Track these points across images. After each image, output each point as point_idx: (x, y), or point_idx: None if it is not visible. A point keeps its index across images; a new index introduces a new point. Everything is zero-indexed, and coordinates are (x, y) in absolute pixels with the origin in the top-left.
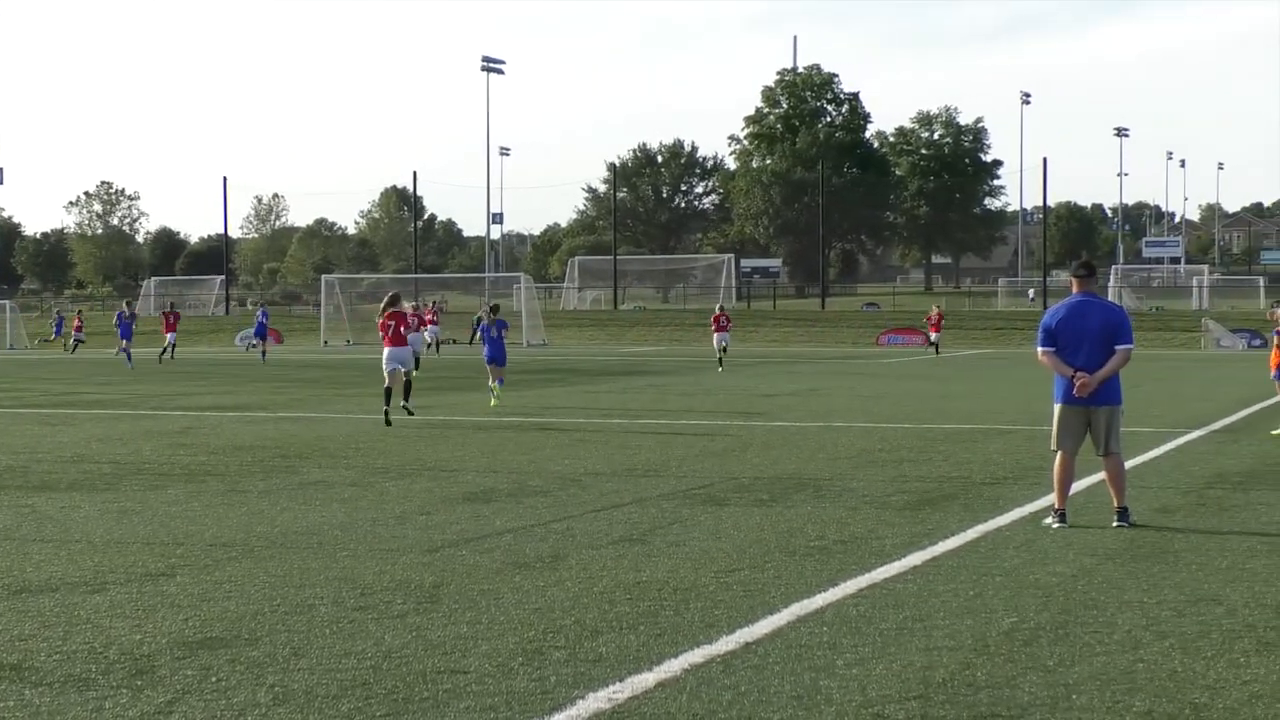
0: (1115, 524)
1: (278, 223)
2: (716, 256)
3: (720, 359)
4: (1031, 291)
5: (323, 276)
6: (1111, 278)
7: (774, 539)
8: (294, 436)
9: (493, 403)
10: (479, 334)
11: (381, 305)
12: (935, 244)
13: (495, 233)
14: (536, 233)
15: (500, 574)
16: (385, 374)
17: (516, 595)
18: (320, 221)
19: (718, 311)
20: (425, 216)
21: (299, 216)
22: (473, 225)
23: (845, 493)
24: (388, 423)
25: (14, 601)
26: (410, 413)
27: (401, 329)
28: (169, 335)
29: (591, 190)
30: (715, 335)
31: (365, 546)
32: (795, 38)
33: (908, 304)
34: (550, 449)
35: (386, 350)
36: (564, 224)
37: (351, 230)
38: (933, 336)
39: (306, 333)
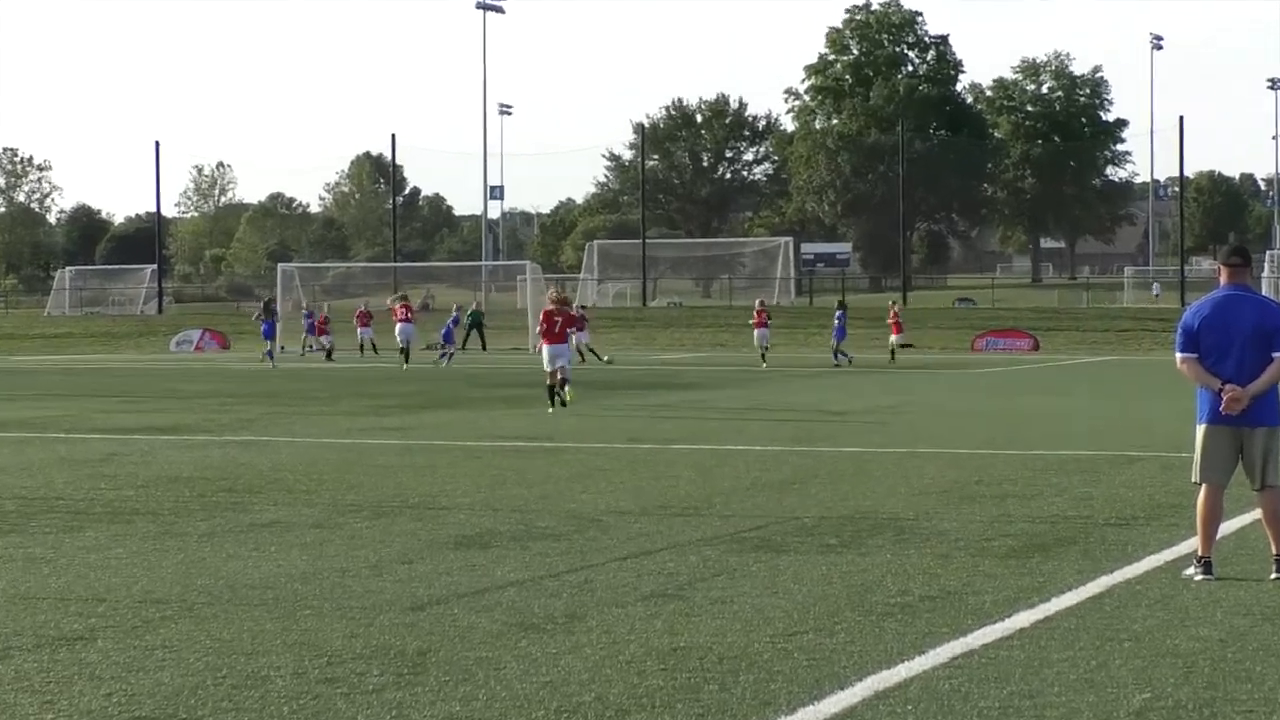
0: (1275, 575)
1: (223, 199)
2: (770, 240)
3: (763, 355)
4: (1156, 286)
5: (279, 265)
6: (1266, 266)
7: (844, 594)
8: (243, 465)
9: (568, 397)
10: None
11: (551, 295)
12: (1044, 224)
13: (494, 210)
14: (545, 211)
15: (502, 638)
16: (546, 371)
17: (522, 665)
18: (276, 197)
19: (759, 306)
20: (406, 190)
21: (249, 191)
22: (466, 202)
23: (934, 536)
24: (551, 404)
25: None
26: (564, 403)
27: (568, 328)
28: (362, 331)
29: (614, 158)
30: (756, 332)
31: (332, 604)
32: None
33: (1010, 299)
34: (563, 481)
35: (546, 348)
36: (580, 200)
37: (315, 208)
38: (893, 339)
39: (259, 335)
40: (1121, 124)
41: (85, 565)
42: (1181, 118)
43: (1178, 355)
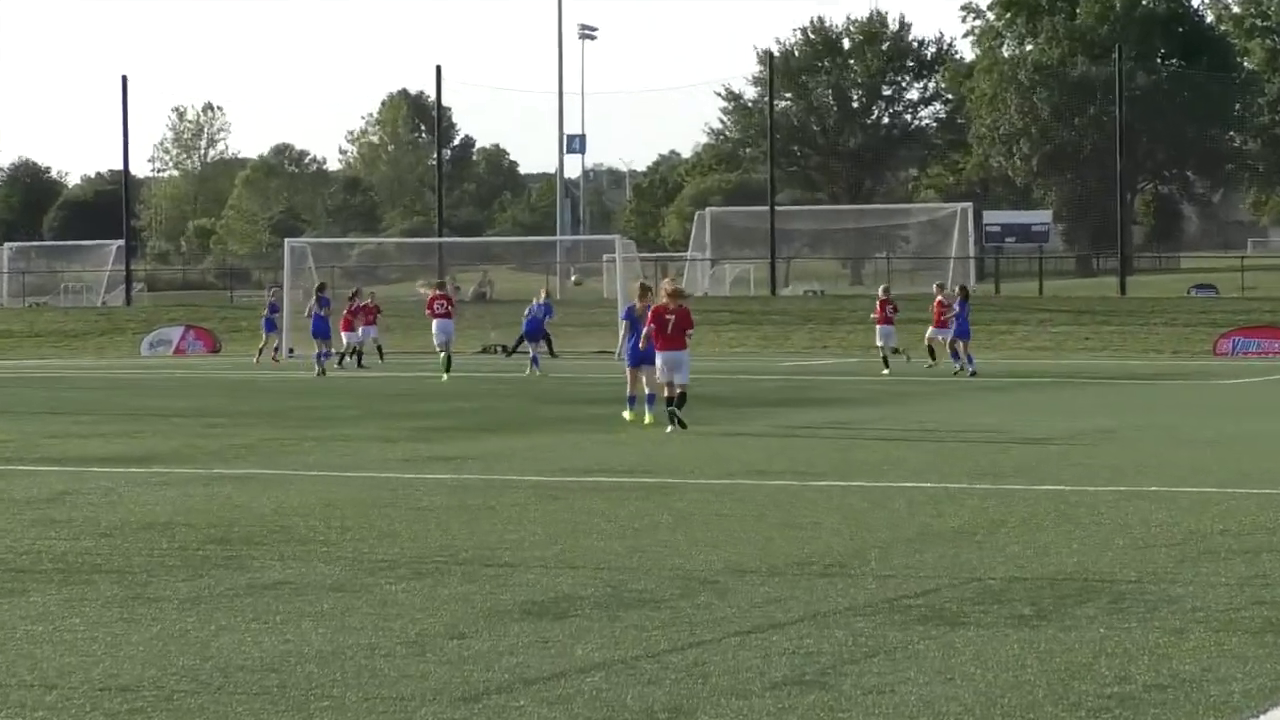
0: None
1: (212, 153)
2: (943, 207)
3: (886, 358)
4: None
5: (286, 241)
6: None
7: (1043, 682)
8: (239, 508)
9: (642, 419)
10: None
11: (662, 290)
12: None
13: (573, 168)
14: (641, 168)
15: None
16: (662, 384)
17: None
18: (282, 151)
19: (882, 295)
20: (456, 141)
21: (246, 142)
22: (535, 156)
23: (1163, 604)
24: (672, 422)
25: None
26: (683, 425)
27: (686, 331)
28: (365, 330)
29: (733, 97)
30: (879, 329)
31: (358, 692)
32: None
33: (1266, 284)
34: (666, 529)
35: (660, 355)
36: (687, 153)
37: (333, 164)
38: (930, 332)
39: (259, 334)
40: None
41: (30, 640)
42: None
43: None
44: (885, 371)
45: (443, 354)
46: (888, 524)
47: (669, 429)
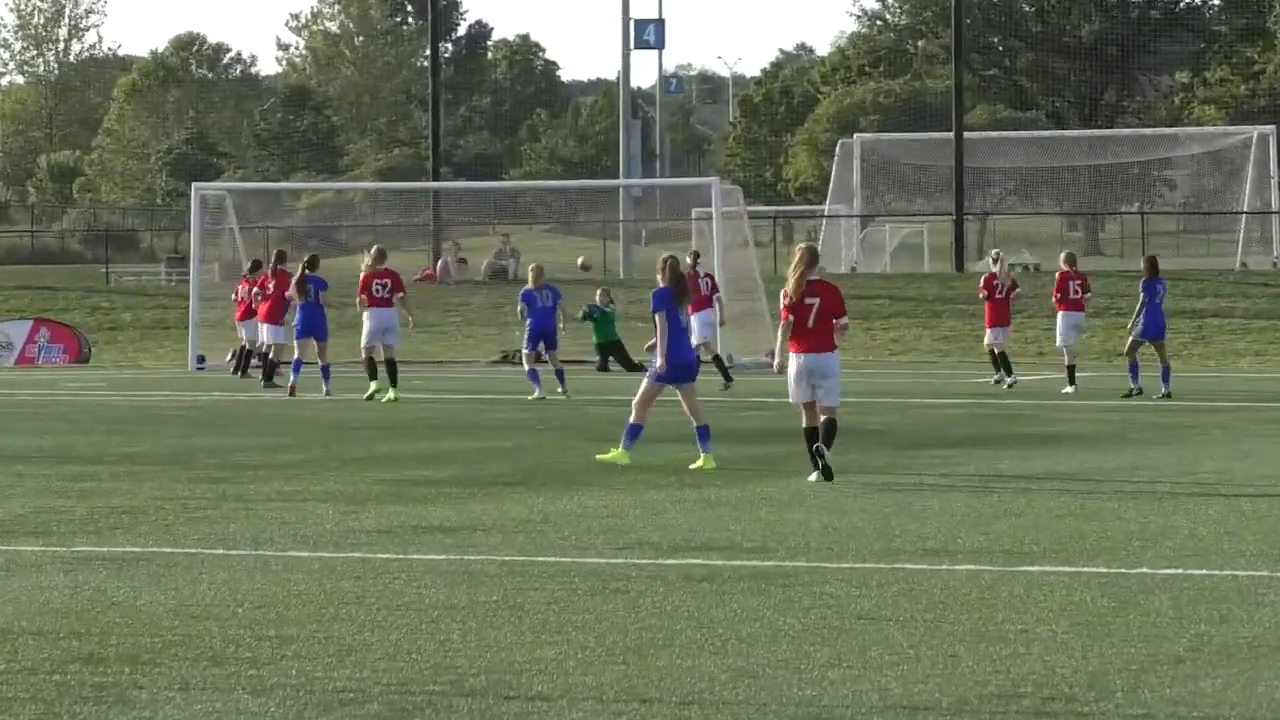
0: None
1: (77, 48)
2: (1230, 132)
3: (1001, 371)
4: None
5: (195, 186)
6: None
7: None
8: (118, 607)
9: (707, 464)
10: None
11: (797, 255)
12: None
13: (644, 72)
14: (752, 73)
15: None
16: (796, 405)
17: None
18: (187, 45)
19: (993, 261)
20: (459, 31)
21: (131, 34)
22: (587, 58)
23: None
24: (816, 467)
25: None
26: (828, 473)
27: (837, 320)
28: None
29: None
30: (991, 332)
31: None
32: None
33: None
34: (789, 640)
35: (797, 361)
36: (823, 51)
37: (267, 68)
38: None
39: (151, 333)
40: None
41: None
42: None
43: None
44: (995, 377)
45: (367, 358)
46: (1142, 633)
47: (813, 476)
